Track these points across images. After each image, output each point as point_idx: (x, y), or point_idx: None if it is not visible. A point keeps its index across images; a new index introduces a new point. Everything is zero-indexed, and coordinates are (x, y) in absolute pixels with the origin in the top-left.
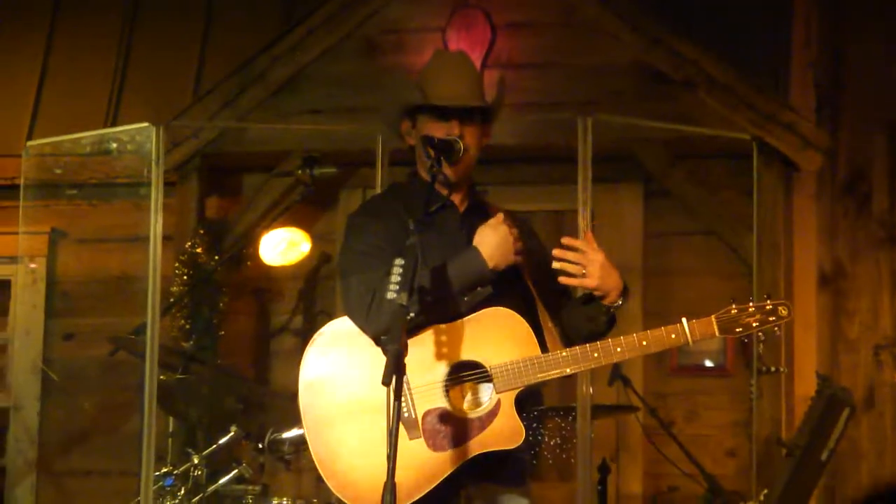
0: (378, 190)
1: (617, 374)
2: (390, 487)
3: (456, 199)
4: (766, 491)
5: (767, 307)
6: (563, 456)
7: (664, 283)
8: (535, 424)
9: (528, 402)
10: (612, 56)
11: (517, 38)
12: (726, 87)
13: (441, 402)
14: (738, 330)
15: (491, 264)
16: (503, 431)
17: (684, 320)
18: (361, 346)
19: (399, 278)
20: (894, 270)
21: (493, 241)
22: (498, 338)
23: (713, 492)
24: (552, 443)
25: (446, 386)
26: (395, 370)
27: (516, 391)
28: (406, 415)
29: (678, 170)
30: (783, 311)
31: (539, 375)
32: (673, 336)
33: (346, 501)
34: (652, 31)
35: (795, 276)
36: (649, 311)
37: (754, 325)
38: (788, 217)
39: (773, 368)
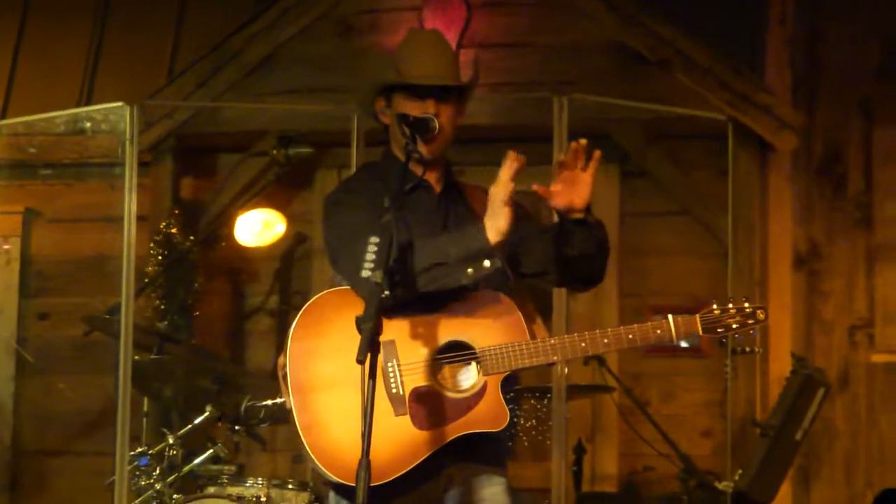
0: (353, 170)
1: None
2: (365, 465)
3: (432, 178)
4: (740, 471)
5: (747, 310)
6: (539, 438)
7: (640, 263)
8: (511, 406)
9: (506, 383)
10: (588, 36)
11: (493, 18)
12: (702, 68)
13: (429, 381)
14: (719, 330)
15: (492, 239)
16: (488, 414)
17: (670, 317)
18: (351, 319)
19: (374, 256)
20: (869, 251)
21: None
22: (488, 320)
23: (688, 472)
24: (528, 424)
25: (435, 364)
26: (370, 348)
27: (503, 375)
28: (394, 391)
29: (654, 150)
30: (760, 315)
31: (526, 361)
32: (658, 332)
33: (328, 472)
34: (628, 11)
35: (771, 256)
36: (625, 291)
37: (734, 326)
38: (764, 197)
39: (747, 349)
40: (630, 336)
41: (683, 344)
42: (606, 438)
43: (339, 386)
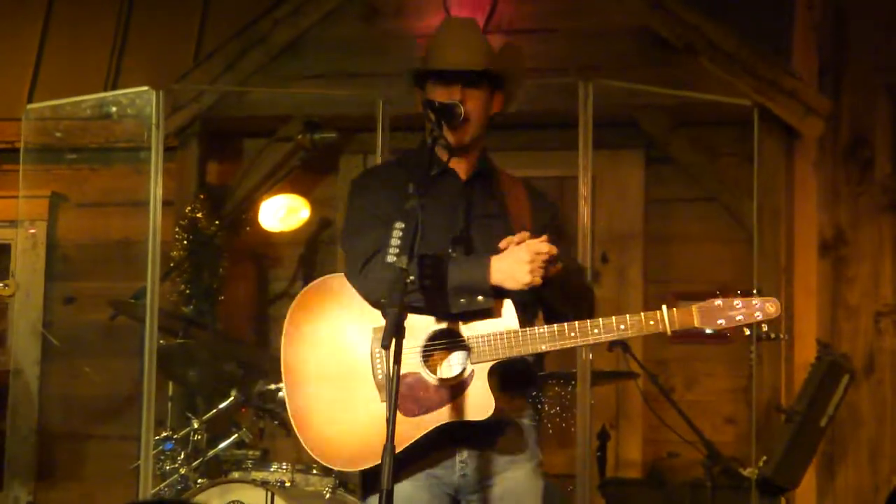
0: (378, 155)
1: (617, 340)
2: (390, 449)
3: (459, 165)
4: (765, 457)
5: (754, 302)
6: (563, 424)
7: (665, 249)
8: (534, 392)
9: (525, 373)
10: (613, 21)
11: (518, 3)
12: (728, 54)
13: (417, 368)
14: (719, 322)
15: (493, 280)
16: (474, 402)
17: (664, 308)
18: (347, 305)
19: (399, 241)
20: (895, 237)
21: (510, 261)
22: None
23: (712, 458)
24: (552, 410)
25: (424, 352)
26: (395, 333)
27: (490, 363)
28: (380, 377)
29: (679, 136)
30: (770, 309)
31: (515, 350)
32: (651, 323)
33: (316, 457)
34: None
35: (796, 242)
36: (650, 277)
37: (738, 318)
38: (790, 183)
39: (773, 335)
40: (622, 326)
41: (708, 330)
42: (631, 424)
43: (327, 373)
